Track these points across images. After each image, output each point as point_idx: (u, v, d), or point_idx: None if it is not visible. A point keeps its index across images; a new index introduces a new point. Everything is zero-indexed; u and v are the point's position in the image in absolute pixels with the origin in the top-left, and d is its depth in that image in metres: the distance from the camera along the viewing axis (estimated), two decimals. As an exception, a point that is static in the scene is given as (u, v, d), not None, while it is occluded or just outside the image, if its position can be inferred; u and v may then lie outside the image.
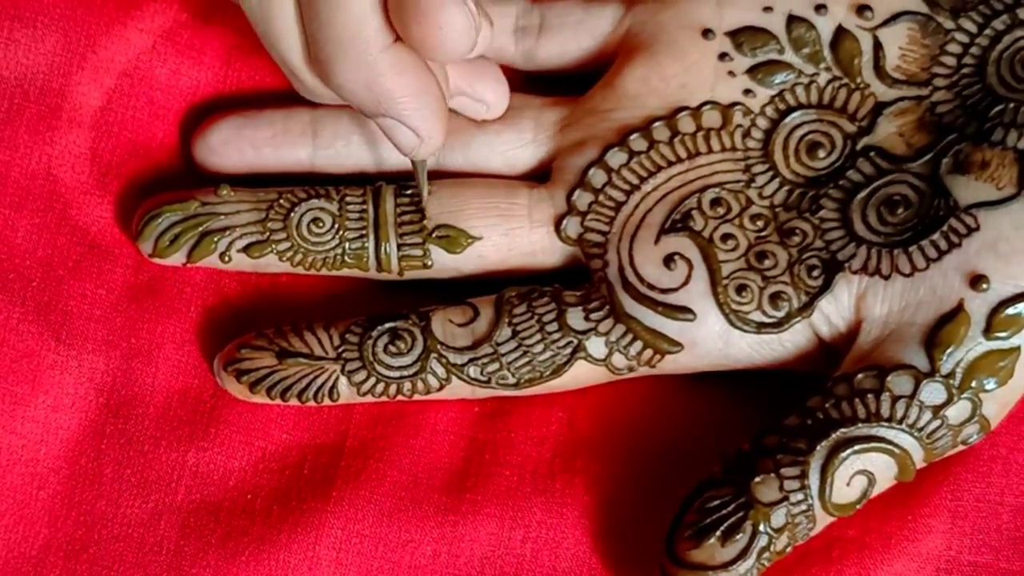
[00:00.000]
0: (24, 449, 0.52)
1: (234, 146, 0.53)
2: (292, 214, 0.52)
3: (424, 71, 0.48)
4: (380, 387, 0.51)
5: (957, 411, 0.49)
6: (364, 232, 0.52)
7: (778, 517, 0.48)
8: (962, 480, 0.51)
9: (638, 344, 0.51)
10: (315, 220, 0.52)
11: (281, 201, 0.52)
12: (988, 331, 0.49)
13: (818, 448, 0.48)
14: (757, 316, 0.51)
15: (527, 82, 0.55)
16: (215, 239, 0.52)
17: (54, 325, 0.53)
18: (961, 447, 0.49)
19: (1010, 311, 0.48)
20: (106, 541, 0.52)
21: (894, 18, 0.52)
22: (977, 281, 0.49)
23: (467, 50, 0.46)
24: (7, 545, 0.51)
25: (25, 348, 0.52)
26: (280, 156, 0.54)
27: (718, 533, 0.48)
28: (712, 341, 0.51)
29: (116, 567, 0.51)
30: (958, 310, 0.49)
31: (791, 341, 0.51)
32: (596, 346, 0.51)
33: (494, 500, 0.51)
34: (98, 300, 0.53)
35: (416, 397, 0.51)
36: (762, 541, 0.48)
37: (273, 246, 0.52)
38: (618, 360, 0.51)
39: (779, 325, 0.51)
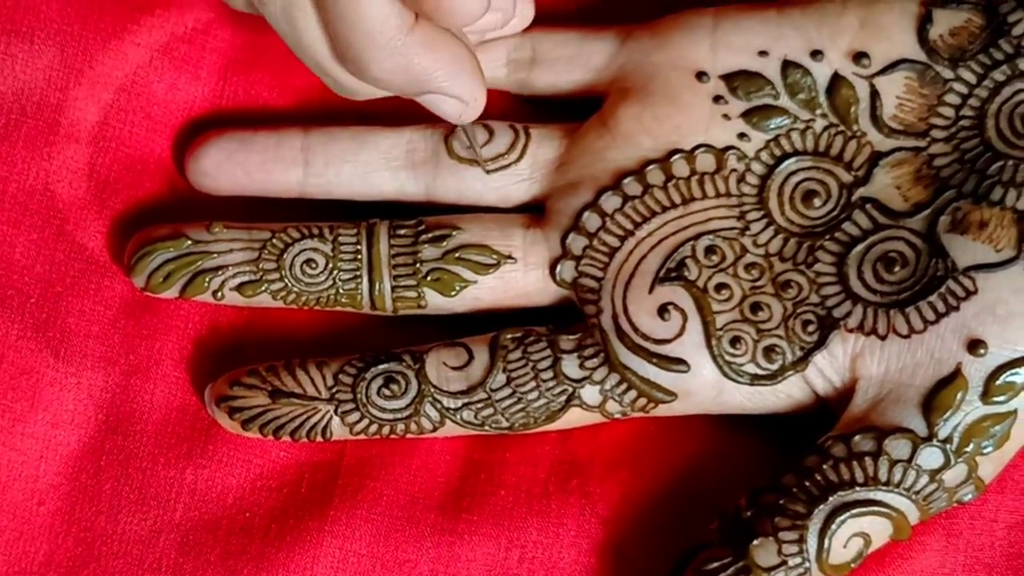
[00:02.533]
0: (24, 465, 0.52)
1: (226, 169, 0.53)
2: (285, 254, 0.52)
3: (451, 39, 0.47)
4: (373, 428, 0.51)
5: (953, 474, 0.48)
6: (358, 273, 0.52)
7: None
8: (957, 498, 0.50)
9: (632, 393, 0.50)
10: (308, 261, 0.52)
11: (274, 240, 0.52)
12: (986, 396, 0.48)
13: (816, 512, 0.48)
14: (751, 368, 0.50)
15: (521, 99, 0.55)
16: (207, 278, 0.52)
17: (53, 341, 0.52)
18: (955, 505, 0.49)
19: (1008, 376, 0.48)
20: (106, 558, 0.51)
21: (892, 66, 0.51)
22: (975, 346, 0.48)
23: (481, 9, 0.46)
24: (8, 561, 0.51)
25: (24, 365, 0.52)
26: (271, 181, 0.53)
27: None
28: (706, 391, 0.50)
29: (116, 584, 0.51)
30: (956, 374, 0.48)
31: (785, 392, 0.50)
32: (590, 394, 0.50)
33: (490, 520, 0.51)
34: (96, 317, 0.53)
35: (409, 436, 0.51)
36: None
37: (266, 286, 0.52)
38: (612, 407, 0.50)
39: (773, 377, 0.50)
